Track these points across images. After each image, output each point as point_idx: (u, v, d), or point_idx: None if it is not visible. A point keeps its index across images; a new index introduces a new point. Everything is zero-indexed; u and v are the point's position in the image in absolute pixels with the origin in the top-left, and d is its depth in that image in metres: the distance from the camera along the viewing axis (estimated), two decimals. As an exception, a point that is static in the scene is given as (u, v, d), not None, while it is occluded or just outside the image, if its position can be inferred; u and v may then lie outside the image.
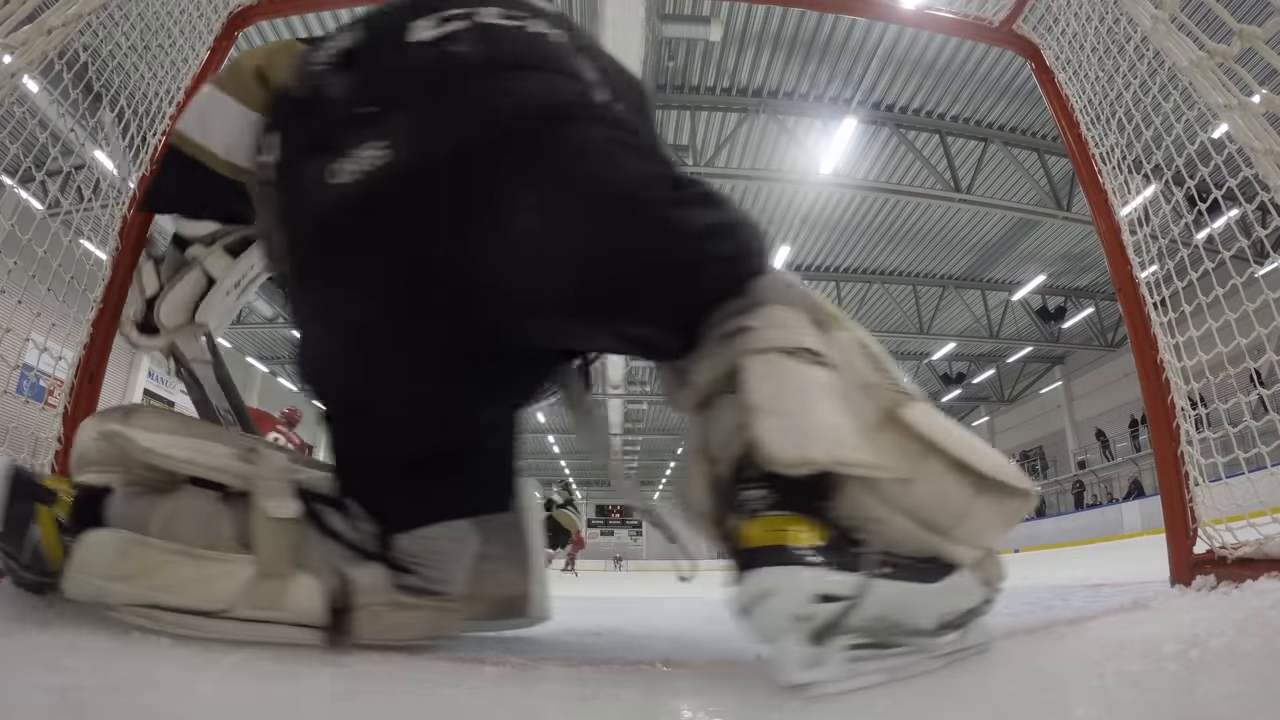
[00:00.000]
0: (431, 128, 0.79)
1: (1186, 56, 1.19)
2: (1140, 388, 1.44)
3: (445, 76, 0.82)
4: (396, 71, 0.84)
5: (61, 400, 1.34)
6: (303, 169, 0.83)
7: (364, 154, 0.78)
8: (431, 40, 0.83)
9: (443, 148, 0.79)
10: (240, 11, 1.78)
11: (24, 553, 0.82)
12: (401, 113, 0.80)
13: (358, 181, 0.78)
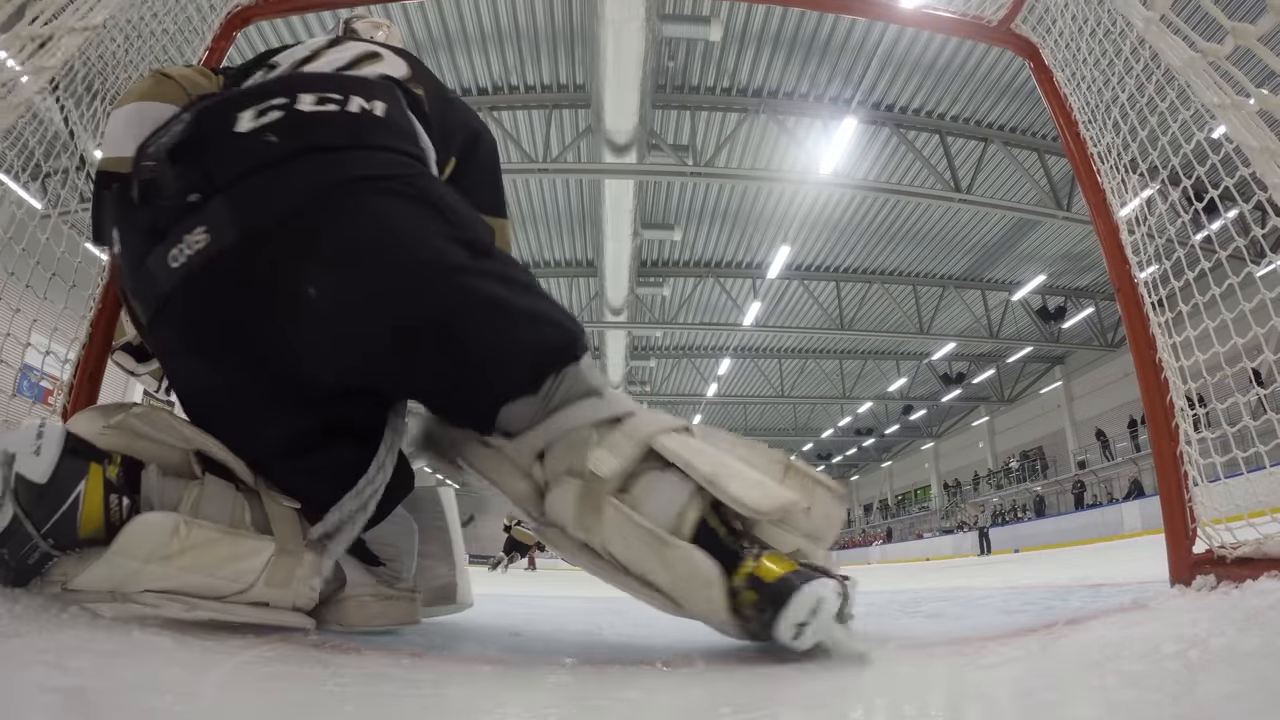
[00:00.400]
0: (241, 210, 0.90)
1: (1179, 57, 1.19)
2: (1139, 387, 1.44)
3: (256, 164, 0.91)
4: (217, 161, 0.92)
5: (61, 400, 1.34)
6: (148, 256, 0.93)
7: (193, 239, 0.89)
8: (249, 131, 0.93)
9: (249, 227, 0.90)
10: (239, 11, 1.78)
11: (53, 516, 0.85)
12: (219, 198, 0.90)
13: (189, 263, 0.90)
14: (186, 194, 0.91)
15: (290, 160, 0.92)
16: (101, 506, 0.88)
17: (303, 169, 0.93)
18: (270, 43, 8.77)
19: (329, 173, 0.93)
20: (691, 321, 16.46)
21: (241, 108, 0.94)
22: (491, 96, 9.90)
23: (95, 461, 0.90)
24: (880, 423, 27.64)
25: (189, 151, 0.93)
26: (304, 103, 0.96)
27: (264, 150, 0.92)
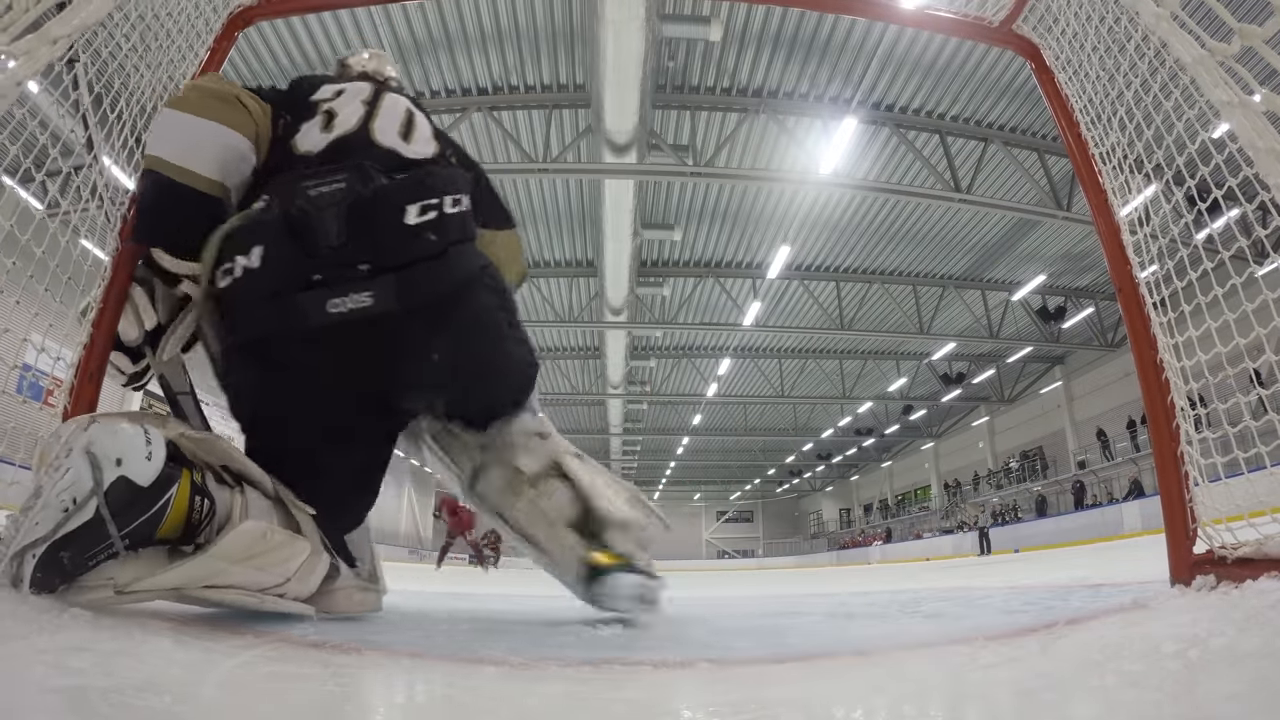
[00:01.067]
0: (404, 290, 1.17)
1: (1189, 54, 1.19)
2: (1140, 388, 1.44)
3: (421, 256, 1.19)
4: (390, 245, 1.18)
5: (61, 400, 1.34)
6: (302, 295, 1.14)
7: (357, 298, 1.14)
8: (415, 225, 1.19)
9: (408, 303, 1.17)
10: (240, 12, 1.78)
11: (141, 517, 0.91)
12: (390, 276, 1.16)
13: (349, 314, 1.14)
14: (358, 262, 1.15)
15: (440, 257, 1.22)
16: (186, 509, 0.98)
17: (447, 265, 1.24)
18: (268, 41, 8.78)
19: (460, 270, 1.27)
20: (691, 321, 16.46)
21: (408, 201, 1.20)
22: (491, 96, 9.90)
23: (187, 468, 1.00)
24: (880, 423, 27.64)
25: (363, 224, 1.16)
26: (446, 205, 1.24)
27: (426, 246, 1.20)
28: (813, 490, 41.61)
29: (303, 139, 1.33)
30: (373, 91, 1.46)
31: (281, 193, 1.19)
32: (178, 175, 1.21)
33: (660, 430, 28.60)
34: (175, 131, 1.24)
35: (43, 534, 0.86)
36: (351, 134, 1.33)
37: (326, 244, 1.14)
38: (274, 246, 1.15)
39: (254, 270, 1.15)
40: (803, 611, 1.85)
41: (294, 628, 1.09)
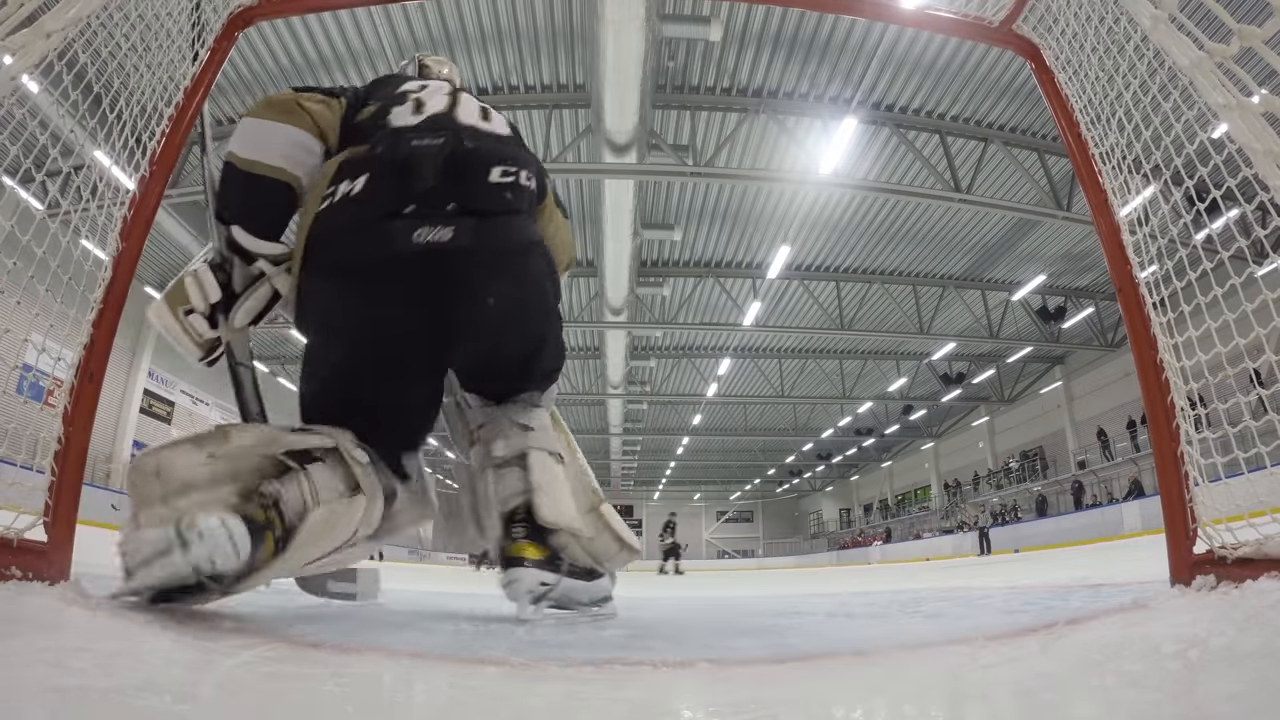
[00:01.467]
0: (482, 234, 1.32)
1: (1186, 56, 1.19)
2: (1140, 388, 1.44)
3: (499, 209, 1.37)
4: (475, 194, 1.35)
5: (61, 400, 1.34)
6: (395, 221, 1.28)
7: (440, 231, 1.27)
8: (496, 184, 1.37)
9: (482, 245, 1.32)
10: (240, 12, 1.78)
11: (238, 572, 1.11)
12: (472, 219, 1.31)
13: (430, 245, 1.27)
14: (447, 201, 1.29)
15: (514, 214, 1.40)
16: (273, 549, 1.17)
17: (519, 224, 1.42)
18: (269, 41, 8.78)
19: (527, 233, 1.45)
20: (691, 321, 16.46)
21: (493, 163, 1.37)
22: (491, 96, 9.89)
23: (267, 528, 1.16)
24: (880, 423, 27.63)
25: (455, 173, 1.32)
26: (521, 176, 1.41)
27: (504, 201, 1.38)
28: (813, 490, 41.60)
29: (396, 119, 1.46)
30: (453, 88, 1.63)
31: (388, 140, 1.36)
32: (245, 166, 1.42)
33: (660, 430, 28.60)
34: (243, 133, 1.45)
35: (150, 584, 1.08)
36: (441, 114, 1.48)
37: (421, 184, 1.28)
38: (375, 178, 1.30)
39: (354, 196, 1.30)
40: (803, 611, 1.85)
41: (294, 628, 1.09)
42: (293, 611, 1.31)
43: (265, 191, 1.42)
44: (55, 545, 1.22)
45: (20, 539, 1.17)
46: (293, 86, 1.60)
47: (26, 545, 1.17)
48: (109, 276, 1.40)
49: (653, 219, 12.65)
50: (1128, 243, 1.51)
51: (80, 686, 0.61)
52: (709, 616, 1.80)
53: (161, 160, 1.57)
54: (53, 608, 0.91)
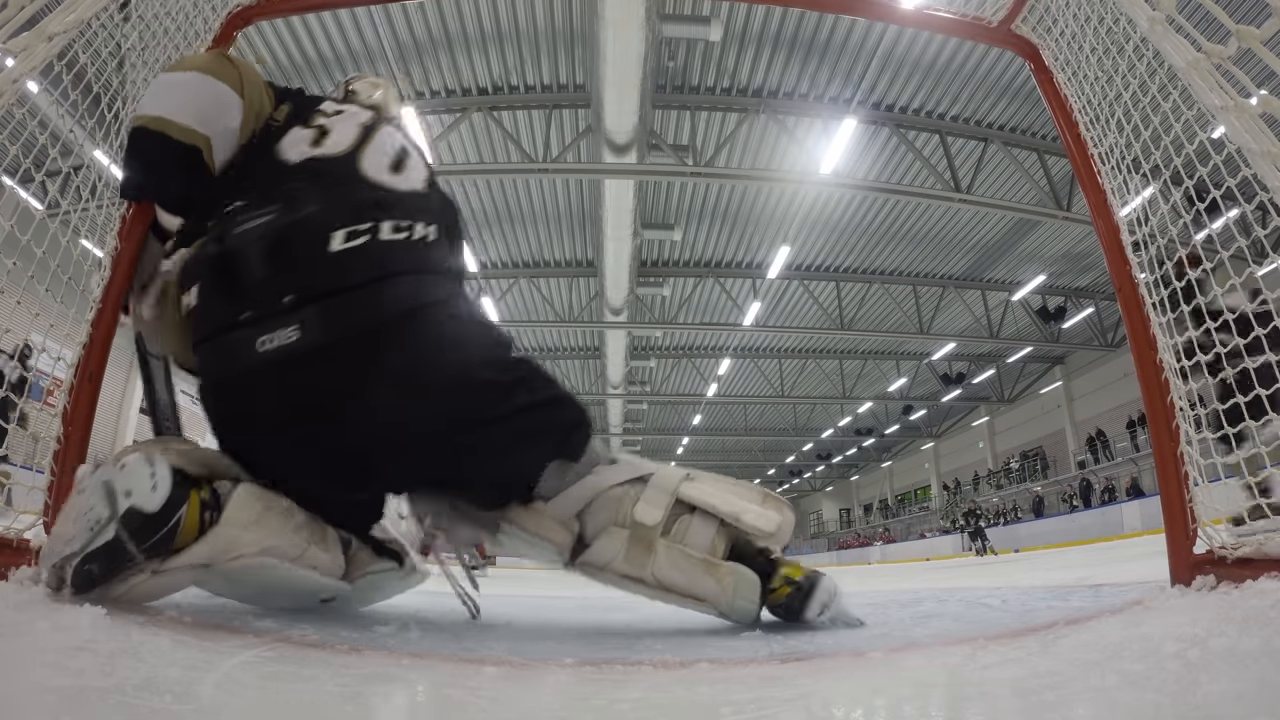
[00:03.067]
0: (328, 321, 1.09)
1: (1184, 57, 1.19)
2: (1140, 388, 1.44)
3: (347, 284, 1.12)
4: (314, 274, 1.11)
5: (61, 400, 1.34)
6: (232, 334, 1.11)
7: (284, 334, 1.08)
8: (339, 252, 1.12)
9: (332, 335, 1.09)
10: (240, 11, 1.78)
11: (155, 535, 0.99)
12: (314, 307, 1.09)
13: (277, 352, 1.08)
14: (282, 294, 1.09)
15: (371, 284, 1.13)
16: (197, 523, 1.04)
17: (380, 294, 1.14)
18: (268, 40, 8.78)
19: (397, 302, 1.16)
20: (691, 321, 16.46)
21: (334, 228, 1.13)
22: (491, 96, 9.89)
23: (195, 488, 1.05)
24: (880, 423, 27.63)
25: (285, 256, 1.11)
26: (384, 231, 1.16)
27: (352, 274, 1.12)
28: (813, 490, 41.59)
29: (289, 146, 1.27)
30: (371, 119, 1.39)
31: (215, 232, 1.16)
32: (153, 125, 1.21)
33: (660, 430, 28.60)
34: (156, 88, 1.27)
35: (76, 549, 0.98)
36: (335, 158, 1.26)
37: (252, 279, 1.10)
38: (207, 284, 1.15)
39: (193, 309, 1.17)
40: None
41: (294, 628, 1.09)
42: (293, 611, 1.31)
43: (168, 154, 1.21)
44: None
45: (20, 539, 1.17)
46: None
47: (27, 545, 1.17)
48: (108, 276, 1.40)
49: (653, 219, 12.64)
50: (1127, 243, 1.51)
51: (80, 686, 0.61)
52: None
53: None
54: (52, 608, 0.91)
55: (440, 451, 1.23)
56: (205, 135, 1.22)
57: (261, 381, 1.11)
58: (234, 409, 1.18)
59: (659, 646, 1.11)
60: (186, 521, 1.02)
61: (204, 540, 1.04)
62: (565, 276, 14.66)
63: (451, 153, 10.53)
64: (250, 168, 1.27)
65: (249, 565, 1.08)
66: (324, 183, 1.20)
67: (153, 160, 1.24)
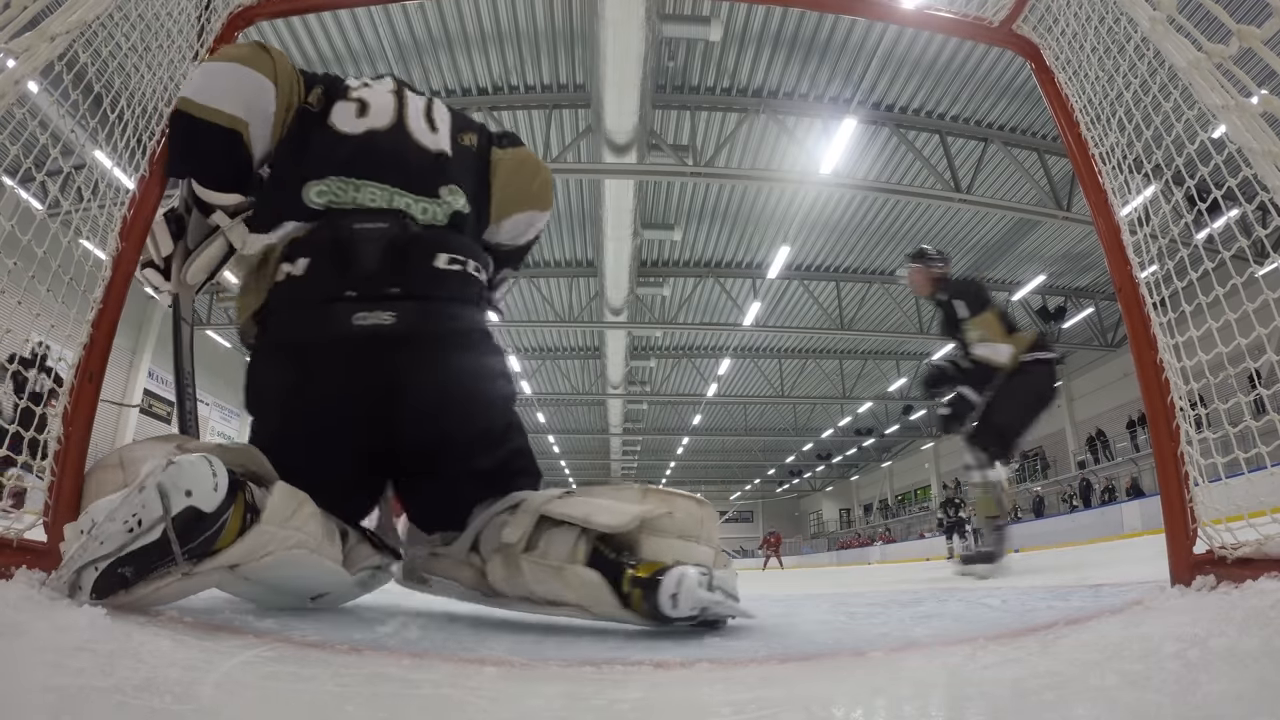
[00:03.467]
0: (423, 318, 1.31)
1: (1184, 57, 1.19)
2: (1140, 388, 1.44)
3: (441, 295, 1.35)
4: (419, 280, 1.33)
5: (61, 400, 1.34)
6: (334, 305, 1.27)
7: (381, 315, 1.26)
8: (442, 270, 1.35)
9: (415, 329, 1.29)
10: (240, 11, 1.78)
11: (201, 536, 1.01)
12: (413, 302, 1.30)
13: (371, 328, 1.26)
14: (389, 285, 1.29)
15: (455, 300, 1.38)
16: (239, 525, 1.06)
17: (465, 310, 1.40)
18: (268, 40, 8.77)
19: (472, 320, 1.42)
20: (691, 321, 16.46)
21: (439, 250, 1.36)
22: (491, 96, 9.89)
23: (240, 490, 1.08)
24: (880, 423, 27.61)
25: (399, 258, 1.31)
26: (470, 266, 1.40)
27: (446, 288, 1.36)
28: (813, 490, 41.58)
29: (340, 119, 1.43)
30: (396, 83, 1.56)
31: (333, 221, 1.34)
32: (197, 111, 1.35)
33: (660, 430, 28.59)
34: (198, 76, 1.41)
35: (107, 551, 0.96)
36: (386, 129, 1.44)
37: (362, 270, 1.28)
38: (318, 260, 1.30)
39: (297, 277, 1.30)
40: (802, 611, 1.85)
41: (294, 628, 1.09)
42: (293, 611, 1.31)
43: (212, 138, 1.35)
44: (55, 545, 1.22)
45: (20, 539, 1.17)
46: None
47: (26, 545, 1.17)
48: (109, 276, 1.40)
49: (653, 219, 12.64)
50: (1128, 243, 1.51)
51: (80, 686, 0.61)
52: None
53: (161, 160, 1.57)
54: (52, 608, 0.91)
55: (450, 456, 1.37)
56: (245, 120, 1.36)
57: (348, 348, 1.27)
58: (304, 368, 1.29)
59: (659, 646, 1.11)
60: (230, 523, 1.05)
61: (241, 541, 1.05)
62: (565, 276, 14.66)
63: (452, 153, 10.52)
64: (306, 141, 1.41)
65: (277, 560, 1.10)
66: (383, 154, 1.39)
67: (197, 143, 1.37)
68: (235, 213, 1.43)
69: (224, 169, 1.41)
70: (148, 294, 1.59)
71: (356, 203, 1.35)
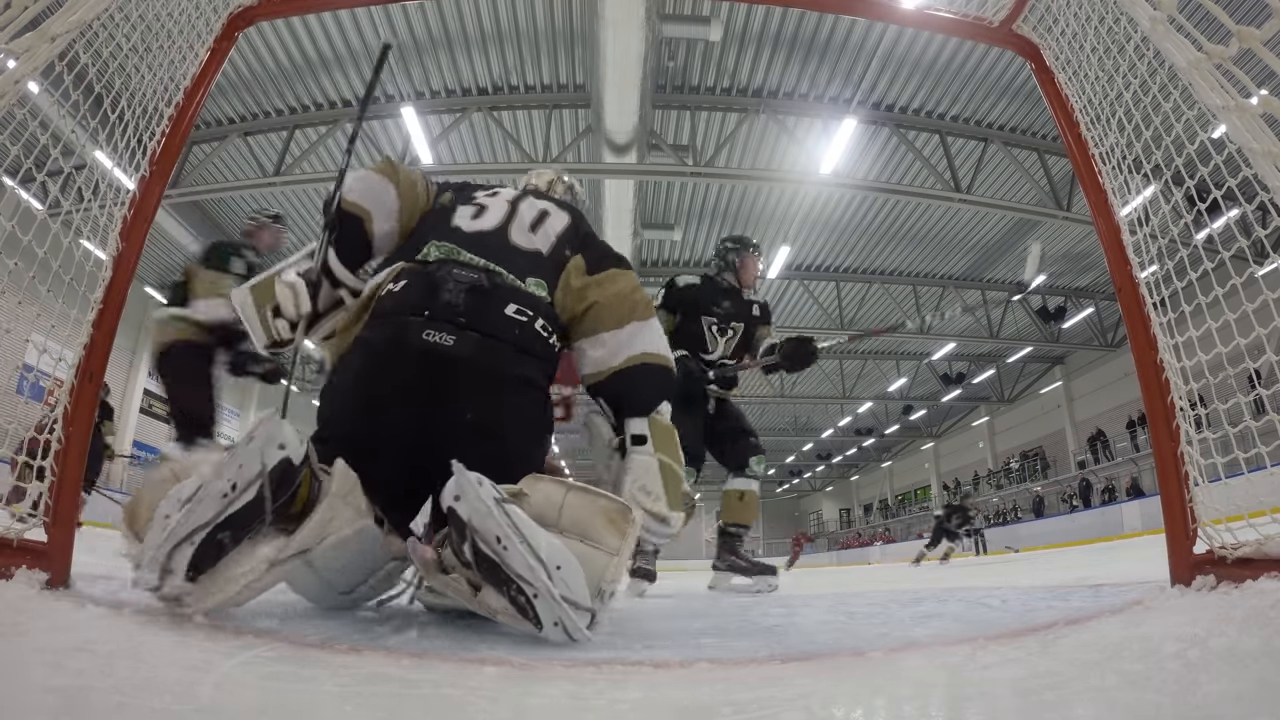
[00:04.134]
0: (481, 352, 1.45)
1: (1185, 57, 1.19)
2: (1140, 388, 1.44)
3: (503, 337, 1.49)
4: (487, 319, 1.48)
5: (62, 400, 1.34)
6: (411, 319, 1.46)
7: (445, 337, 1.44)
8: (508, 317, 1.50)
9: (475, 360, 1.44)
10: (240, 12, 1.78)
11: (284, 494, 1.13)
12: (476, 334, 1.46)
13: (432, 344, 1.43)
14: (459, 316, 1.46)
15: (514, 347, 1.50)
16: (307, 492, 1.20)
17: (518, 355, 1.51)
18: (268, 41, 8.78)
19: (524, 367, 1.52)
20: (692, 321, 16.46)
21: (511, 301, 1.52)
22: (491, 96, 9.90)
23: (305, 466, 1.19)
24: (880, 423, 27.62)
25: (475, 299, 1.49)
26: (537, 323, 1.53)
27: (509, 333, 1.50)
28: (813, 490, 41.58)
29: (459, 218, 1.71)
30: (516, 196, 1.83)
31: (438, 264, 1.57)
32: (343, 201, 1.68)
33: (660, 430, 28.54)
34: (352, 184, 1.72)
35: (205, 519, 1.03)
36: (491, 231, 1.68)
37: (443, 299, 1.48)
38: (413, 284, 1.52)
39: (394, 293, 1.52)
40: (803, 611, 1.85)
41: (294, 628, 1.09)
42: (293, 611, 1.31)
43: (345, 219, 1.68)
44: (55, 545, 1.22)
45: (20, 539, 1.17)
46: None
47: (26, 545, 1.17)
48: (109, 276, 1.40)
49: (653, 219, 12.64)
50: (1128, 243, 1.51)
51: (80, 686, 0.61)
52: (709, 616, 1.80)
53: (161, 160, 1.58)
54: (52, 608, 0.91)
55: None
56: (368, 209, 1.68)
57: (411, 356, 1.44)
58: (376, 362, 1.48)
59: (659, 646, 1.11)
60: (301, 489, 1.17)
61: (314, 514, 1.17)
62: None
63: (452, 153, 10.53)
64: (434, 226, 1.69)
65: (344, 539, 1.20)
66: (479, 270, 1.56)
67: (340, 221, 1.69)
68: (354, 294, 1.68)
69: (351, 244, 1.70)
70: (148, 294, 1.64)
71: (460, 259, 1.57)
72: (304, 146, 10.33)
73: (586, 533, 1.19)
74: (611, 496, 1.26)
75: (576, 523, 1.21)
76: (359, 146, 10.40)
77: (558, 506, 1.22)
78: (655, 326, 1.65)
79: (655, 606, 2.35)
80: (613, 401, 1.63)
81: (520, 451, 1.50)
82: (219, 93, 9.57)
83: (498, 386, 1.48)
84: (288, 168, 10.20)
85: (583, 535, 1.19)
